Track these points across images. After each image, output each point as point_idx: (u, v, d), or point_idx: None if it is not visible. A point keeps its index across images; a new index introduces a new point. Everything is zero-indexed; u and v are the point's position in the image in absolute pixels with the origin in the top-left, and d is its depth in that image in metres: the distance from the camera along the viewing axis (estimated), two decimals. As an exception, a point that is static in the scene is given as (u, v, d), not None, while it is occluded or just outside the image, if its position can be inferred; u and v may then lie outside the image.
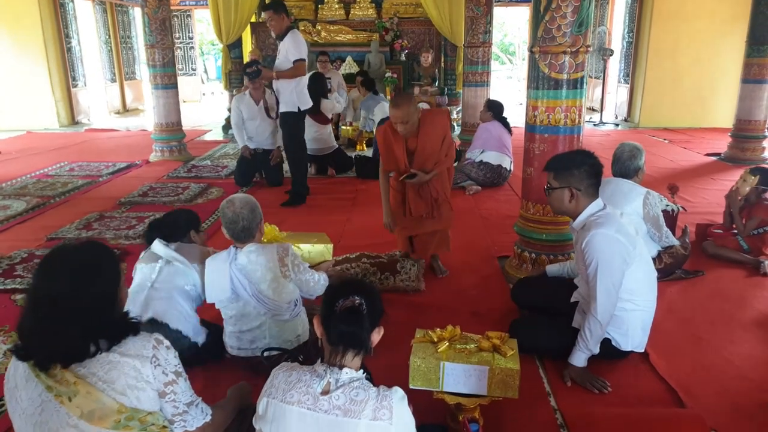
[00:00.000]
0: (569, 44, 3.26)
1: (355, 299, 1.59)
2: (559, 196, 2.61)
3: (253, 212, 2.58)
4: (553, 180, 2.62)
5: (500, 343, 2.21)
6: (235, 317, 2.62)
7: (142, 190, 5.98)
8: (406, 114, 3.44)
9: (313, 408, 1.52)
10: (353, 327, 1.57)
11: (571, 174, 2.57)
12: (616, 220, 2.55)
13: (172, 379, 1.62)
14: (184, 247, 2.79)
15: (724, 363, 2.77)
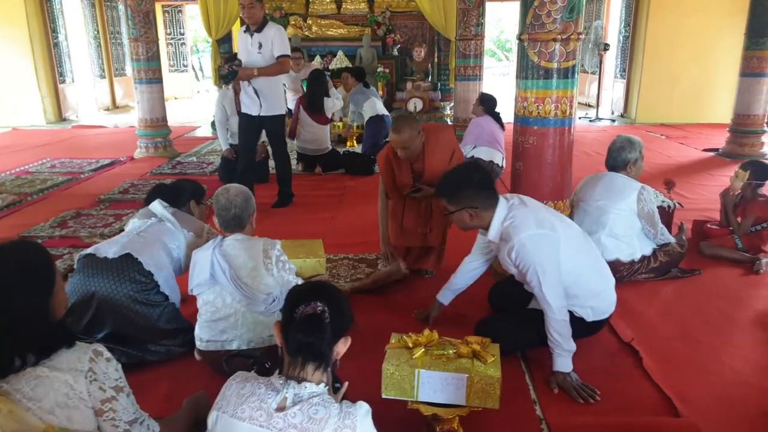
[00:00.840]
0: (559, 31, 3.08)
1: (318, 306, 1.42)
2: (459, 218, 2.54)
3: (246, 202, 2.57)
4: (448, 205, 2.54)
5: (480, 349, 2.05)
6: (210, 303, 2.50)
7: (123, 187, 5.81)
8: (408, 140, 3.27)
9: (266, 425, 1.36)
10: (312, 337, 1.40)
11: (461, 196, 2.49)
12: (527, 212, 2.46)
13: (111, 395, 1.46)
14: (179, 214, 2.87)
15: (721, 367, 2.61)
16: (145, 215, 2.86)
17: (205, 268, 2.45)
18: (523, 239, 2.37)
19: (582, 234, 2.68)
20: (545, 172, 3.30)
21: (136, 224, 2.82)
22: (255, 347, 2.48)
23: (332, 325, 1.41)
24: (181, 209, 2.92)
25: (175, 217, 2.82)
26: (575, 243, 2.54)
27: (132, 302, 2.53)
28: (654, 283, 3.46)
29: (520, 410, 2.31)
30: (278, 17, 10.00)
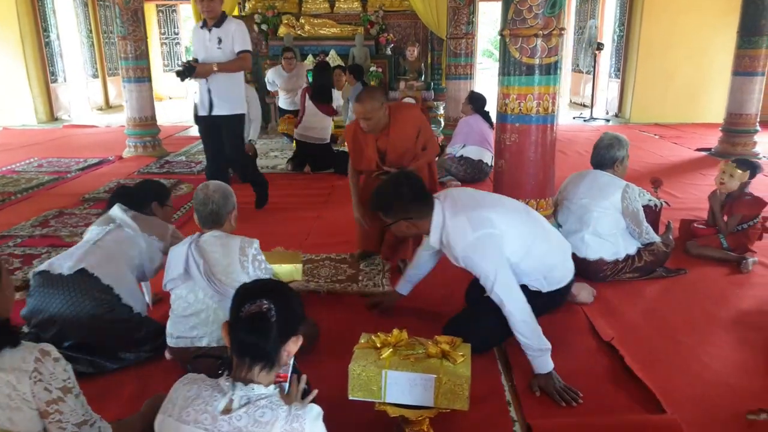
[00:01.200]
0: (541, 26, 3.04)
1: (263, 304, 1.37)
2: (397, 229, 2.59)
3: (225, 198, 2.52)
4: (385, 217, 2.59)
5: (450, 349, 2.00)
6: (182, 299, 2.45)
7: (109, 186, 5.75)
8: (369, 110, 3.29)
9: (210, 429, 1.31)
10: (256, 337, 1.35)
11: (395, 208, 2.52)
12: (459, 216, 2.44)
13: (57, 396, 1.41)
14: (140, 218, 2.75)
15: (700, 367, 2.56)
16: (104, 221, 2.73)
17: (179, 263, 2.42)
18: (464, 249, 2.39)
19: (524, 211, 2.68)
20: (527, 170, 3.25)
21: (93, 232, 2.69)
22: (225, 345, 2.42)
23: (279, 324, 1.36)
24: (143, 212, 2.80)
25: (135, 221, 2.70)
26: (517, 225, 2.53)
27: (95, 320, 2.43)
28: (638, 283, 3.41)
29: (493, 412, 2.26)
30: (271, 16, 9.96)
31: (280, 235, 4.17)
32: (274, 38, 9.89)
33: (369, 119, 3.29)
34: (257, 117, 6.05)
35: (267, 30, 9.98)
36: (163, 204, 2.93)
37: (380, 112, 3.31)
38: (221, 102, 4.46)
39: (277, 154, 7.49)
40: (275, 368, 1.39)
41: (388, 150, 3.46)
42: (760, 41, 6.55)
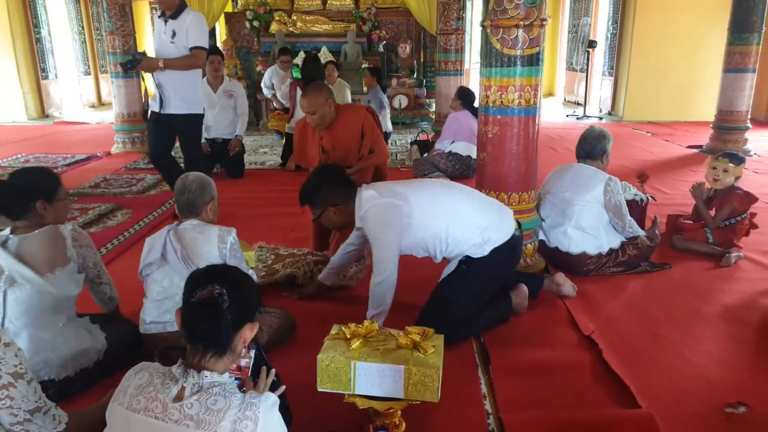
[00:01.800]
0: (522, 17, 3.00)
1: (215, 288, 1.33)
2: (327, 219, 2.68)
3: (202, 188, 2.51)
4: (313, 210, 2.68)
5: (420, 340, 1.96)
6: (157, 283, 2.44)
7: (95, 181, 5.71)
8: (312, 104, 3.36)
9: (161, 417, 1.27)
10: (206, 322, 1.31)
11: (319, 198, 2.63)
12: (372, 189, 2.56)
13: (7, 382, 1.38)
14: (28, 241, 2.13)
15: (681, 361, 2.52)
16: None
17: (156, 249, 2.42)
18: (365, 212, 2.51)
19: (446, 185, 2.75)
20: (509, 163, 3.22)
21: None
22: None
23: (231, 309, 1.32)
24: (25, 217, 2.18)
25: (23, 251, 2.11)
26: (435, 195, 2.60)
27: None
28: (622, 277, 3.38)
29: (467, 404, 2.22)
30: (263, 13, 9.92)
31: (264, 230, 4.13)
32: (266, 35, 9.85)
33: (313, 113, 3.34)
34: (244, 112, 6.02)
35: (259, 26, 9.95)
36: (53, 199, 2.27)
37: (325, 107, 3.36)
38: (173, 100, 4.11)
39: (267, 150, 7.45)
40: (229, 355, 1.35)
41: (331, 148, 3.49)
42: (751, 38, 6.53)
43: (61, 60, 11.15)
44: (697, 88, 9.83)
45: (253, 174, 6.17)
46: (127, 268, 3.58)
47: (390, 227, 2.49)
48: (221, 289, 1.32)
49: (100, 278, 2.45)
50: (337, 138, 3.46)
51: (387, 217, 2.49)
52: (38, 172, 2.36)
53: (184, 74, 4.06)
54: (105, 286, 2.49)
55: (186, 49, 4.02)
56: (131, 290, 3.24)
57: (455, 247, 2.57)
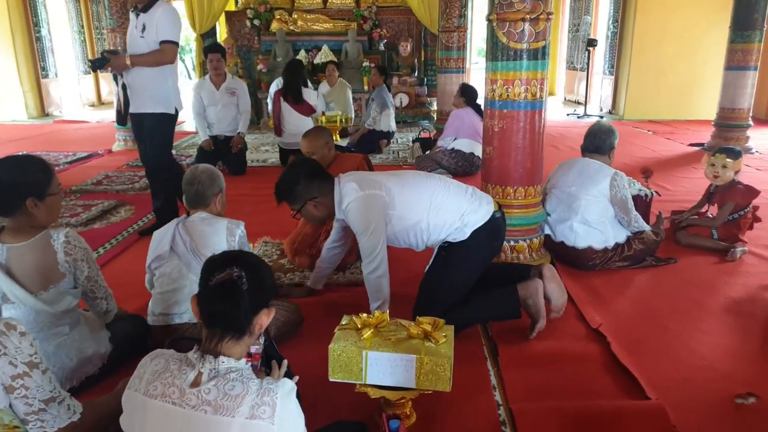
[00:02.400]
0: (528, 10, 3.01)
1: (234, 271, 1.33)
2: (307, 214, 2.64)
3: (211, 179, 2.51)
4: (292, 207, 2.64)
5: (431, 329, 1.96)
6: (166, 276, 2.44)
7: (97, 178, 5.70)
8: (312, 146, 3.42)
9: (178, 403, 1.26)
10: (226, 304, 1.31)
11: (296, 193, 2.58)
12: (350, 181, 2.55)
13: (23, 371, 1.38)
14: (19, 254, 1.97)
15: (689, 353, 2.53)
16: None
17: (165, 242, 2.42)
18: (348, 204, 2.50)
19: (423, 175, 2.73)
20: (515, 157, 3.22)
21: None
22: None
23: (250, 292, 1.32)
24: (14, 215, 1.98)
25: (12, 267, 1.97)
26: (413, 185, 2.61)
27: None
28: (628, 272, 3.39)
29: (478, 395, 2.22)
30: (263, 11, 9.91)
31: (268, 225, 4.14)
32: (267, 33, 9.85)
33: (312, 155, 3.36)
34: (247, 110, 5.99)
35: (259, 25, 9.95)
36: (44, 195, 1.98)
37: (324, 150, 3.43)
38: (138, 99, 3.85)
39: (269, 148, 7.44)
40: (246, 339, 1.34)
41: None
42: (753, 35, 6.54)
43: (61, 59, 11.14)
44: (698, 87, 9.84)
45: (255, 171, 6.17)
46: (131, 264, 3.58)
47: (374, 217, 2.50)
48: (240, 272, 1.31)
49: (94, 293, 2.22)
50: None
51: (370, 208, 2.51)
52: (27, 164, 2.01)
53: (153, 71, 3.76)
54: (100, 301, 2.27)
55: (156, 44, 3.72)
56: (137, 284, 3.25)
57: (436, 234, 2.59)
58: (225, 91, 5.83)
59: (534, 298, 2.59)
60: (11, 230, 2.00)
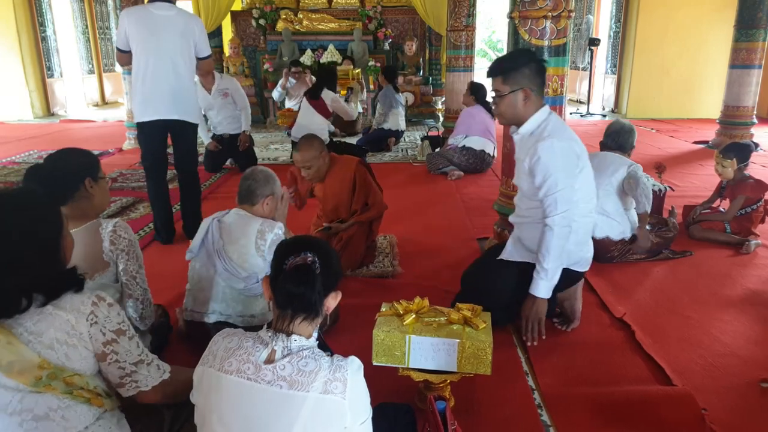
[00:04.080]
0: (550, 8, 3.08)
1: (308, 256, 1.39)
2: (511, 101, 2.39)
3: (266, 181, 2.50)
4: (503, 85, 2.39)
5: (471, 316, 2.03)
6: (196, 272, 2.47)
7: (112, 176, 5.76)
8: (306, 159, 3.19)
9: (254, 378, 1.31)
10: (303, 287, 1.37)
11: (521, 73, 2.36)
12: (564, 125, 2.42)
13: (111, 338, 1.46)
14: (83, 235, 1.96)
15: (711, 340, 2.60)
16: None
17: (199, 236, 2.45)
18: (551, 145, 2.30)
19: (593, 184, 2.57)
20: (536, 151, 3.28)
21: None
22: (233, 324, 2.42)
23: (322, 276, 1.38)
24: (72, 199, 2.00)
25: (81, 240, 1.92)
26: (585, 181, 2.46)
27: None
28: (645, 264, 3.46)
29: (511, 380, 2.29)
30: (269, 11, 9.97)
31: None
32: (272, 33, 9.91)
33: (309, 168, 3.21)
34: (245, 106, 5.94)
35: (265, 25, 10.00)
36: (97, 177, 2.08)
37: (319, 160, 3.22)
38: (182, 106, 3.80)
39: (278, 146, 7.50)
40: (317, 320, 1.41)
41: (322, 198, 3.45)
42: (757, 34, 6.63)
43: (66, 58, 11.17)
44: (700, 86, 9.94)
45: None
46: (153, 260, 3.61)
47: (570, 177, 2.32)
48: (313, 256, 1.37)
49: (130, 290, 2.09)
50: (328, 189, 3.39)
51: (570, 166, 2.34)
52: (77, 151, 2.12)
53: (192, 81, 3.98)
54: (135, 302, 2.11)
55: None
56: (158, 280, 3.29)
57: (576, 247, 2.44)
58: (218, 94, 5.77)
59: (571, 300, 2.66)
60: (68, 218, 2.03)
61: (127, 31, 3.56)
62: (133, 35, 3.55)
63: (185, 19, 3.63)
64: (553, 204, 2.32)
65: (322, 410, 1.29)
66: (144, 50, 3.56)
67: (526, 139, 2.43)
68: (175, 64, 3.60)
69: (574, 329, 2.67)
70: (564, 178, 2.30)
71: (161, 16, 3.54)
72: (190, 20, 3.67)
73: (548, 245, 2.34)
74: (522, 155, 2.45)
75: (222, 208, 4.62)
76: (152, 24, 3.53)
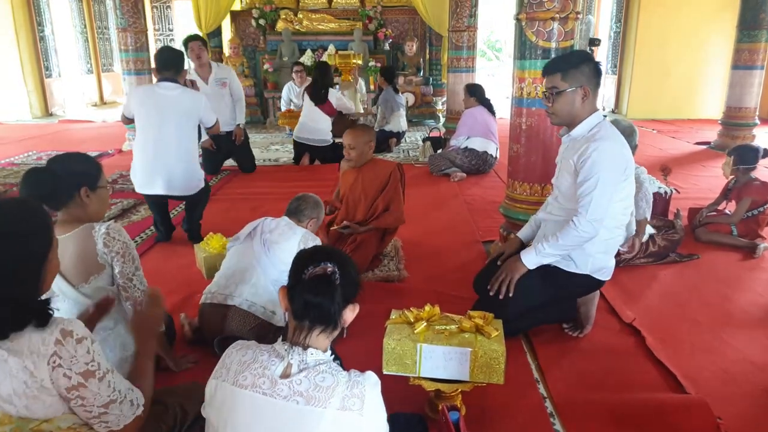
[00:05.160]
0: (558, 9, 3.04)
1: (327, 266, 1.35)
2: (569, 99, 2.35)
3: (315, 206, 2.76)
4: (562, 81, 2.34)
5: (483, 323, 2.00)
6: (235, 254, 2.62)
7: (112, 177, 5.71)
8: (355, 140, 3.36)
9: (270, 393, 1.28)
10: (322, 298, 1.33)
11: (581, 71, 2.33)
12: (620, 136, 2.38)
13: (77, 382, 1.29)
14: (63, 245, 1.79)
15: (723, 346, 2.57)
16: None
17: (248, 228, 2.63)
18: (605, 147, 2.26)
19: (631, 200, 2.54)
20: (543, 154, 3.25)
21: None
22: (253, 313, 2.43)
23: (342, 287, 1.34)
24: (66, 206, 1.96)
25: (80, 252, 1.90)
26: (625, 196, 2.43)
27: None
28: (652, 267, 3.43)
29: (522, 388, 2.25)
30: (268, 11, 9.92)
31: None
32: (272, 33, 9.86)
33: (353, 148, 3.36)
34: (241, 97, 5.78)
35: (265, 25, 9.95)
36: (95, 186, 2.01)
37: (365, 147, 3.39)
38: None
39: (278, 147, 7.46)
40: (334, 332, 1.37)
41: (348, 190, 3.45)
42: (760, 35, 6.62)
43: (64, 58, 11.11)
44: (701, 86, 9.92)
45: (268, 170, 6.19)
46: (154, 263, 3.58)
47: (613, 180, 2.28)
48: (333, 267, 1.34)
49: (126, 291, 2.04)
50: (359, 179, 3.42)
51: (618, 172, 2.30)
52: (79, 158, 2.09)
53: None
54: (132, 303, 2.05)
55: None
56: (162, 285, 3.26)
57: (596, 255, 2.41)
58: (215, 84, 5.59)
59: (588, 305, 2.64)
60: (61, 223, 1.98)
61: (133, 109, 3.79)
62: (139, 112, 3.76)
63: (189, 97, 3.83)
64: (587, 204, 2.28)
65: (340, 426, 1.25)
66: (148, 126, 3.72)
67: (577, 141, 2.40)
68: (179, 140, 3.72)
69: (584, 336, 2.64)
70: (606, 180, 2.26)
71: (166, 96, 3.72)
72: (194, 98, 3.87)
73: (564, 238, 2.33)
74: (569, 154, 2.41)
75: (223, 210, 4.63)
76: (158, 102, 3.72)
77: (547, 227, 2.58)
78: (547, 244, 2.38)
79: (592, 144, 2.29)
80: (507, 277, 2.43)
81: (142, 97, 3.78)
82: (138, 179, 3.85)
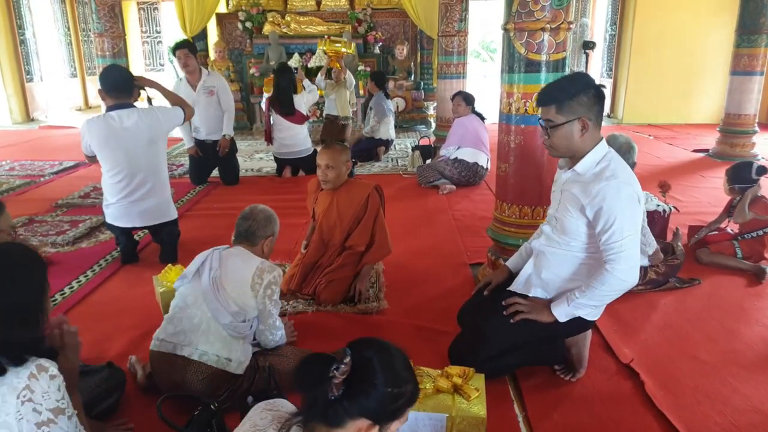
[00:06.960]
0: (549, 20, 2.81)
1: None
2: (566, 133, 2.12)
3: (267, 221, 2.42)
4: (557, 114, 2.12)
5: (462, 382, 1.76)
6: (182, 296, 2.30)
7: (85, 191, 5.45)
8: (332, 159, 3.09)
9: None
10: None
11: (578, 101, 2.09)
12: (628, 169, 2.15)
13: (47, 418, 1.31)
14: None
15: (730, 391, 2.34)
16: None
17: (196, 263, 2.32)
18: (621, 185, 2.04)
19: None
20: (533, 174, 3.03)
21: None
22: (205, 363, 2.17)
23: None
24: None
25: None
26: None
27: None
28: (651, 295, 3.20)
29: (508, 448, 2.02)
30: (255, 14, 9.66)
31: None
32: (259, 36, 9.60)
33: (330, 168, 3.10)
34: (230, 107, 5.56)
35: (252, 28, 9.69)
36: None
37: (342, 168, 3.14)
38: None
39: (263, 156, 7.21)
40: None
41: (322, 214, 3.22)
42: (759, 40, 6.40)
43: (47, 62, 10.83)
44: (697, 91, 9.73)
45: (249, 181, 5.95)
46: (120, 290, 3.35)
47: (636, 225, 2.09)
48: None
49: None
50: (334, 203, 3.18)
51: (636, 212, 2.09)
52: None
53: None
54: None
55: None
56: (127, 315, 3.02)
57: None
58: (203, 91, 5.38)
59: (579, 346, 2.40)
60: None
61: (94, 149, 3.50)
62: (103, 154, 3.48)
63: (147, 118, 3.48)
64: (618, 251, 2.05)
65: None
66: (116, 166, 3.47)
67: (582, 176, 2.16)
68: (153, 172, 3.55)
69: (579, 380, 2.40)
70: (630, 224, 2.06)
71: (126, 129, 3.41)
72: (150, 117, 3.50)
73: (602, 286, 2.09)
74: (572, 187, 2.17)
75: (199, 226, 4.37)
76: (119, 141, 3.42)
77: (544, 260, 2.31)
78: (581, 293, 2.13)
79: (603, 186, 2.05)
80: (524, 311, 2.21)
81: (100, 137, 3.41)
82: (111, 214, 3.61)
